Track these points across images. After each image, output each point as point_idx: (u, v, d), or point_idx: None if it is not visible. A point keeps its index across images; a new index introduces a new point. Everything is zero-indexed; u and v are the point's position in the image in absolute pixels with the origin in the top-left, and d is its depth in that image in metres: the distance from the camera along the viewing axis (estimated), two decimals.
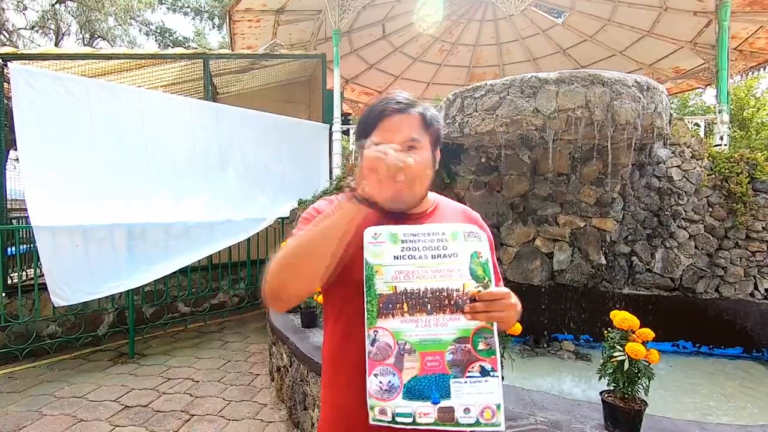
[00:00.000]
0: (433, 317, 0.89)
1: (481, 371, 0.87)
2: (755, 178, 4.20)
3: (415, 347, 0.87)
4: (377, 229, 0.95)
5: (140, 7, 18.46)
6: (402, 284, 0.90)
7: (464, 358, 0.87)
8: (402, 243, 0.93)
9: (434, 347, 0.88)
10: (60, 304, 3.81)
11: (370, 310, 0.89)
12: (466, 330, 0.89)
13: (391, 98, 1.03)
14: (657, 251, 4.35)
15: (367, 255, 0.92)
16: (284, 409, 3.29)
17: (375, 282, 0.90)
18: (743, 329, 4.09)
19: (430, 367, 0.87)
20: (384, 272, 0.91)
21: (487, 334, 0.89)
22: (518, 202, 4.44)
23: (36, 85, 3.97)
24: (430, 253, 0.92)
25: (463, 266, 0.91)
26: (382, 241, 0.93)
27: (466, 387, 0.86)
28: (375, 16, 8.99)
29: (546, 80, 3.38)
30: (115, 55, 5.41)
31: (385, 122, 1.00)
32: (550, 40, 10.14)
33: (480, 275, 0.91)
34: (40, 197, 3.82)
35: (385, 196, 0.88)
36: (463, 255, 0.92)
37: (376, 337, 0.88)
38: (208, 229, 4.83)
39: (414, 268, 0.91)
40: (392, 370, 0.86)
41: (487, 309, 0.88)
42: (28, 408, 3.34)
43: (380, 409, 0.86)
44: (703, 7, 7.42)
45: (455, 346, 0.88)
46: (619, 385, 1.79)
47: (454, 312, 0.89)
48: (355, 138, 1.09)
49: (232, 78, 7.18)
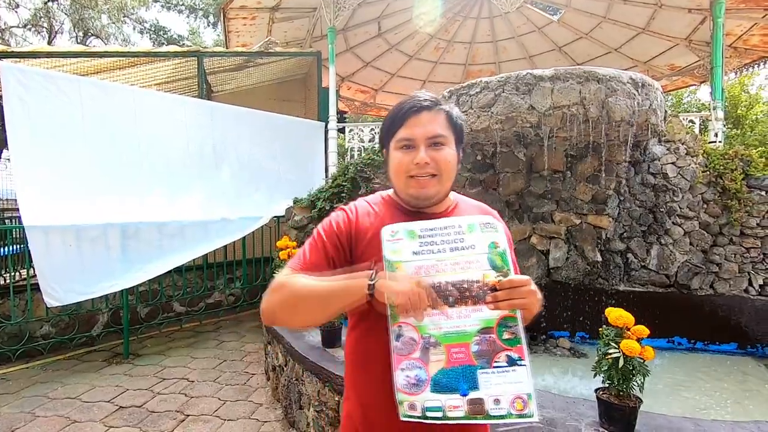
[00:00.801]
0: (455, 309, 0.89)
1: (508, 361, 0.87)
2: (749, 175, 4.21)
3: (440, 340, 0.88)
4: (394, 226, 0.96)
5: (134, 5, 18.32)
6: (422, 279, 0.90)
7: (490, 349, 0.88)
8: (420, 238, 0.94)
9: (459, 339, 0.88)
10: (53, 304, 3.78)
11: (392, 307, 0.90)
12: (490, 320, 0.89)
13: (418, 96, 1.06)
14: (652, 248, 4.36)
15: (386, 252, 0.93)
16: (280, 408, 3.28)
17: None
18: (738, 325, 4.11)
19: (457, 359, 0.87)
20: (404, 268, 0.92)
21: (511, 323, 0.89)
22: (514, 200, 4.44)
23: (27, 83, 3.92)
24: (448, 246, 0.93)
25: (482, 257, 0.92)
26: (399, 237, 0.94)
27: (494, 377, 0.86)
28: (370, 13, 8.95)
29: (541, 77, 3.37)
30: (108, 53, 5.36)
31: (413, 118, 1.03)
32: (545, 38, 10.13)
33: (499, 265, 0.91)
34: (32, 196, 3.78)
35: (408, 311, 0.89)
36: (481, 246, 0.93)
37: (401, 332, 0.90)
38: (203, 228, 4.80)
39: (433, 263, 0.92)
40: (418, 364, 0.87)
41: (509, 297, 0.88)
42: (21, 409, 3.31)
43: (410, 404, 0.86)
44: (697, 4, 7.42)
45: (480, 337, 0.88)
46: (614, 383, 1.79)
47: (476, 303, 0.89)
48: (381, 135, 1.12)
49: (227, 76, 7.13)
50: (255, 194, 5.62)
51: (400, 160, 1.04)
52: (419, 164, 1.01)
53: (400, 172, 1.05)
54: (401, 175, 1.04)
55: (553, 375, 3.60)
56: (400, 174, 1.05)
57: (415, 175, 1.02)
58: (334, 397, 2.44)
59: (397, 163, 1.05)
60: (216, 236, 4.88)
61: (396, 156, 1.05)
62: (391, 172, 1.08)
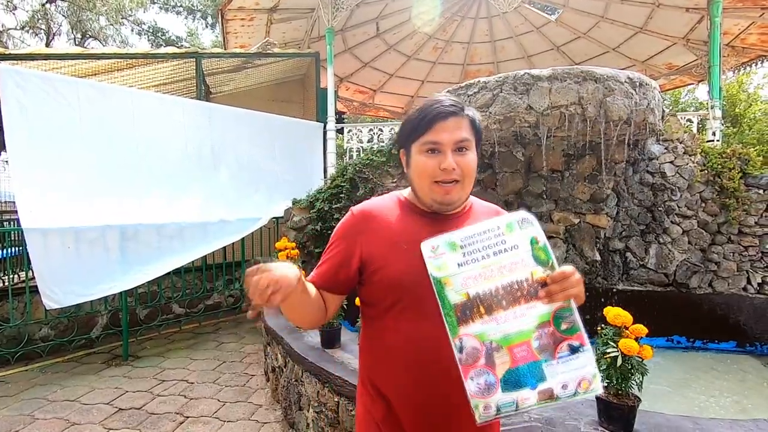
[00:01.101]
0: (510, 312, 0.90)
1: (570, 350, 0.89)
2: (747, 174, 4.22)
3: (501, 343, 0.89)
4: (433, 241, 0.95)
5: (132, 6, 18.30)
6: (473, 289, 0.91)
7: (550, 341, 0.89)
8: (461, 249, 0.94)
9: (519, 338, 0.89)
10: (52, 306, 3.77)
11: (450, 322, 0.91)
12: (545, 315, 0.90)
13: (443, 101, 1.05)
14: (651, 247, 4.37)
15: (431, 270, 0.93)
16: (279, 409, 3.28)
17: (447, 294, 0.92)
18: (736, 323, 4.12)
19: (521, 358, 0.88)
20: (453, 282, 0.92)
21: (566, 314, 0.90)
22: (513, 200, 4.44)
23: (25, 85, 3.92)
24: (491, 251, 0.93)
25: (526, 255, 0.92)
26: (442, 252, 0.94)
27: (560, 367, 0.88)
28: (369, 14, 8.95)
29: (539, 77, 3.38)
30: (106, 55, 5.35)
31: (441, 123, 1.03)
32: (543, 37, 10.15)
33: (543, 259, 0.92)
34: (31, 199, 3.78)
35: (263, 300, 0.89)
36: (524, 245, 0.93)
37: (462, 344, 0.90)
38: (202, 229, 4.80)
39: (480, 270, 0.92)
40: (485, 370, 0.88)
41: (562, 288, 0.89)
42: (20, 412, 3.30)
43: (484, 406, 0.88)
44: (695, 3, 7.44)
45: (539, 332, 0.89)
46: (613, 382, 1.79)
47: (529, 300, 0.90)
48: (402, 137, 1.11)
49: (225, 77, 7.13)
50: (254, 195, 5.62)
51: (425, 163, 1.04)
52: (446, 170, 1.02)
53: (424, 176, 1.04)
54: (426, 179, 1.04)
55: None
56: (425, 178, 1.04)
57: (441, 181, 1.03)
58: (333, 397, 2.44)
59: (422, 168, 1.04)
60: (215, 237, 4.88)
61: (421, 160, 1.05)
62: (413, 175, 1.08)
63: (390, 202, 1.16)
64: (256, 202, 5.57)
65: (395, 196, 1.18)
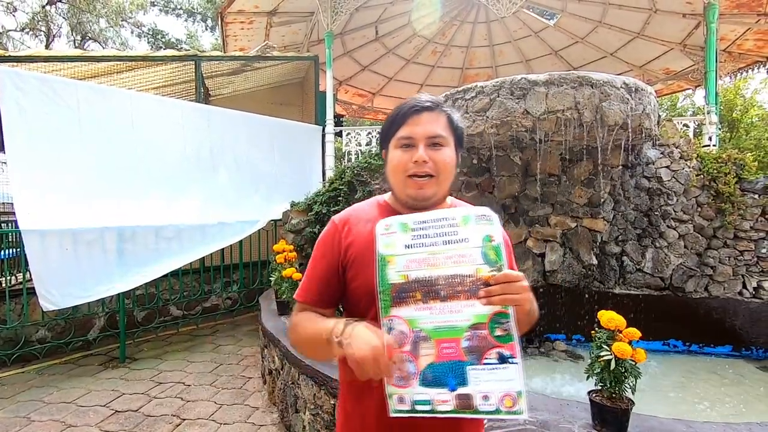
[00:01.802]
0: (447, 304, 0.88)
1: (499, 358, 0.85)
2: (743, 178, 4.25)
3: (430, 335, 0.87)
4: (388, 220, 0.95)
5: (132, 8, 18.36)
6: (414, 272, 0.90)
7: (481, 345, 0.86)
8: (412, 231, 0.93)
9: (449, 334, 0.87)
10: (49, 308, 3.77)
11: (384, 300, 0.90)
12: (482, 316, 0.87)
13: (419, 98, 1.06)
14: (647, 251, 4.39)
15: (379, 246, 0.93)
16: (276, 412, 3.28)
17: (387, 272, 0.91)
18: (732, 328, 4.13)
19: (446, 354, 0.86)
20: (396, 262, 0.91)
21: (504, 320, 0.87)
22: (510, 203, 4.46)
23: (24, 87, 3.93)
24: (441, 239, 0.91)
25: (476, 251, 0.90)
26: (393, 231, 0.94)
27: (484, 374, 0.85)
28: (368, 18, 9.00)
29: (535, 82, 3.40)
30: (105, 58, 5.38)
31: (414, 118, 1.03)
32: (542, 42, 10.20)
33: (493, 259, 0.89)
34: (29, 200, 3.79)
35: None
36: (475, 239, 0.90)
37: (392, 325, 0.89)
38: (200, 231, 4.81)
39: (426, 256, 0.90)
40: (408, 357, 0.87)
41: (503, 292, 0.86)
42: (16, 414, 3.30)
43: (399, 397, 0.86)
44: (692, 9, 7.50)
45: (471, 332, 0.87)
46: (606, 385, 1.80)
47: (469, 298, 0.88)
48: (382, 137, 1.11)
49: (224, 80, 7.15)
50: (252, 198, 5.63)
51: (399, 158, 1.03)
52: (417, 162, 1.00)
53: (398, 171, 1.04)
54: (399, 173, 1.03)
55: (548, 378, 3.62)
56: (399, 173, 1.04)
57: (414, 175, 1.01)
58: (329, 400, 2.44)
59: (396, 162, 1.04)
60: (213, 240, 4.88)
61: (395, 155, 1.04)
62: (389, 171, 1.08)
63: (369, 206, 1.15)
64: (254, 204, 5.58)
65: (375, 200, 1.17)
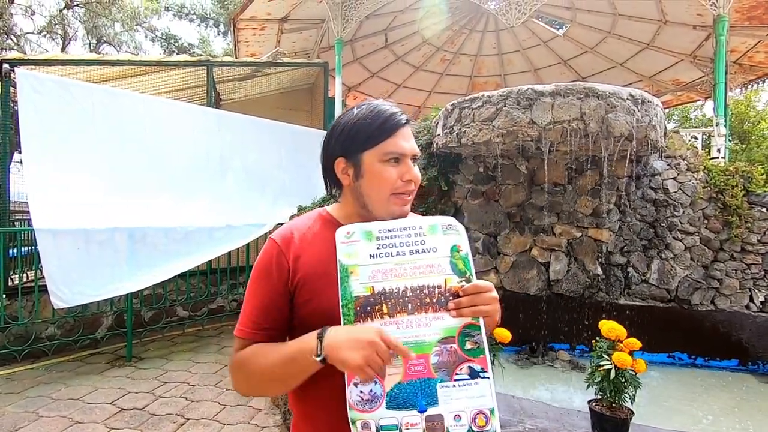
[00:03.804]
0: (414, 317, 0.82)
1: (470, 373, 0.80)
2: (750, 191, 4.23)
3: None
4: (350, 227, 0.89)
5: (146, 13, 18.71)
6: (380, 284, 0.83)
7: (451, 360, 0.81)
8: (377, 240, 0.87)
9: (418, 350, 0.80)
10: (60, 306, 3.84)
11: (347, 314, 0.82)
12: (451, 329, 0.82)
13: (394, 108, 0.99)
14: (653, 262, 4.37)
15: (340, 256, 0.86)
16: (279, 414, 3.31)
17: (350, 284, 0.83)
18: (739, 342, 4.10)
19: (415, 372, 0.79)
20: (359, 272, 0.84)
21: (474, 332, 0.82)
22: (515, 212, 4.48)
23: (41, 90, 4.04)
24: (408, 249, 0.86)
25: (444, 261, 0.86)
26: (356, 239, 0.87)
27: (455, 391, 0.79)
28: (378, 25, 9.11)
29: (542, 92, 3.43)
30: (120, 62, 5.50)
31: (402, 130, 0.96)
32: (551, 51, 10.24)
33: (461, 269, 0.85)
34: (43, 200, 3.87)
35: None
36: (443, 249, 0.87)
37: None
38: (208, 233, 4.87)
39: (392, 266, 0.84)
40: (374, 378, 0.79)
41: (473, 303, 0.82)
42: (25, 409, 3.36)
43: (363, 423, 0.78)
44: (702, 21, 7.51)
45: (440, 347, 0.81)
46: (606, 394, 1.81)
47: (437, 310, 0.83)
48: (347, 145, 0.98)
49: (235, 85, 7.27)
50: (260, 201, 5.70)
51: (389, 174, 0.94)
52: (412, 180, 0.96)
53: (385, 187, 0.95)
54: (386, 190, 0.95)
55: (551, 387, 3.61)
56: (385, 189, 0.95)
57: (401, 193, 0.96)
58: None
59: (386, 178, 0.94)
60: (221, 242, 4.95)
61: (384, 169, 0.94)
62: (367, 185, 0.96)
63: (313, 222, 1.03)
64: (261, 207, 5.64)
65: (316, 213, 1.07)
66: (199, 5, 21.82)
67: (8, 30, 15.24)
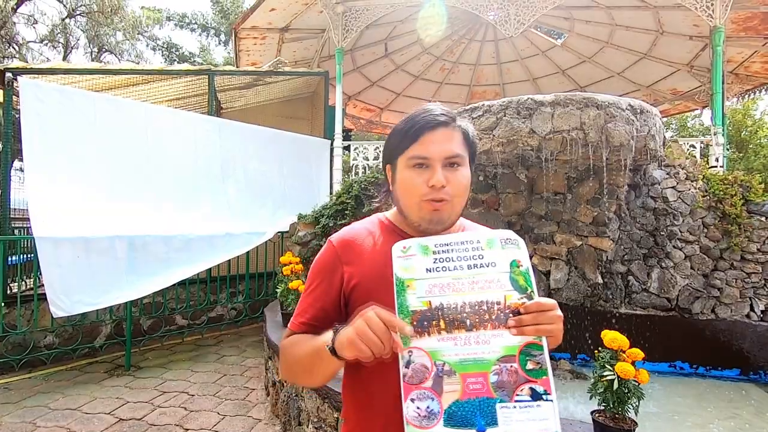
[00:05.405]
0: (473, 334, 0.80)
1: (531, 394, 0.77)
2: (749, 200, 4.25)
3: (455, 368, 0.79)
4: (406, 242, 0.88)
5: (148, 23, 18.86)
6: (437, 298, 0.82)
7: (511, 380, 0.78)
8: (434, 254, 0.85)
9: (476, 368, 0.79)
10: (59, 314, 3.82)
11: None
12: (512, 347, 0.79)
13: (433, 110, 0.95)
14: (653, 271, 4.37)
15: (396, 270, 0.85)
16: (279, 424, 3.28)
17: (407, 298, 0.82)
18: (740, 351, 4.09)
19: (473, 390, 0.78)
20: (416, 287, 0.83)
21: (536, 352, 0.79)
22: (515, 220, 4.48)
23: (44, 98, 4.07)
24: (466, 263, 0.84)
25: (503, 276, 0.83)
26: (412, 254, 0.86)
27: (516, 413, 0.77)
28: (378, 35, 9.18)
29: (542, 102, 3.46)
30: (122, 71, 5.53)
31: (429, 134, 0.93)
32: (549, 61, 10.33)
33: (522, 285, 0.83)
34: (43, 208, 3.88)
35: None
36: (502, 264, 0.84)
37: (411, 358, 0.80)
38: (208, 242, 4.87)
39: (449, 281, 0.83)
40: (431, 394, 0.78)
41: (535, 322, 0.79)
42: (22, 419, 3.33)
43: None
44: (698, 31, 7.59)
45: (500, 366, 0.79)
46: (609, 405, 1.81)
47: (497, 327, 0.80)
48: (389, 150, 1.00)
49: (236, 93, 7.31)
50: (260, 209, 5.71)
51: (413, 180, 0.93)
52: (435, 186, 0.91)
53: (412, 194, 0.93)
54: (414, 196, 0.93)
55: None
56: (413, 195, 0.94)
57: (430, 199, 0.92)
58: (333, 413, 2.46)
59: (410, 184, 0.93)
60: (221, 250, 4.94)
61: (408, 175, 0.94)
62: (399, 192, 0.97)
63: (372, 226, 1.05)
64: (262, 216, 5.65)
65: (376, 219, 1.07)
66: (201, 15, 22.04)
67: (11, 39, 15.34)
